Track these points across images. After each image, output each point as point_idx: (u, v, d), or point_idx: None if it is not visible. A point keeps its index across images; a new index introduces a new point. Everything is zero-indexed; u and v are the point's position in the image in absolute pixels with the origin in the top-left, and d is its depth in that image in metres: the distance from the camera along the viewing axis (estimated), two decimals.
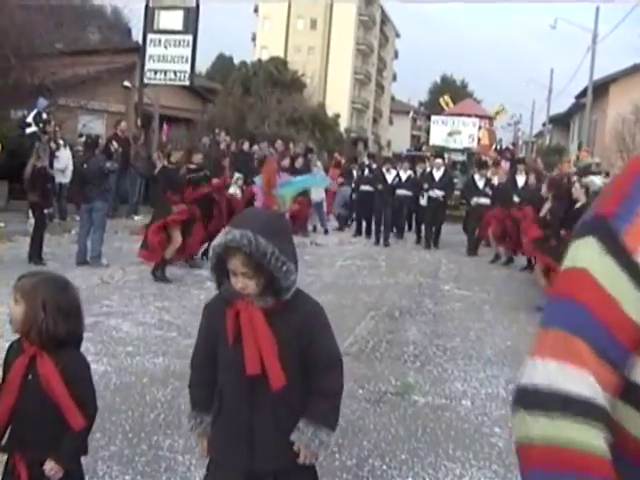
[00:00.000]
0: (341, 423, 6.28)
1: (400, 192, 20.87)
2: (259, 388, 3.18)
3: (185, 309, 10.63)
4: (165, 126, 26.30)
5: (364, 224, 22.25)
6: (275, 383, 3.14)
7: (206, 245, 13.50)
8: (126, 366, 7.65)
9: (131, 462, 5.31)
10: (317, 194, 22.16)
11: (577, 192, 13.31)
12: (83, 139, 19.17)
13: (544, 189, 14.57)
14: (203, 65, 69.15)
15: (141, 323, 9.58)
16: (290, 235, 3.33)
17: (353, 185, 24.04)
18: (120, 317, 9.79)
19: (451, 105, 42.33)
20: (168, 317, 10.04)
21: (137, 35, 31.63)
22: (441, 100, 43.98)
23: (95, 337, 8.65)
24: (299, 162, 20.90)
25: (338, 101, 74.22)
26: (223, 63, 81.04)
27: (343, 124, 61.89)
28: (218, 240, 3.14)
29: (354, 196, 23.80)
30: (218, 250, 3.14)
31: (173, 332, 9.21)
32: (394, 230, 21.90)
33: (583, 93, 43.64)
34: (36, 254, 13.22)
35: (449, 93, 52.49)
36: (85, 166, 14.19)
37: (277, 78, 46.66)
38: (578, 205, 12.83)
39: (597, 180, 16.53)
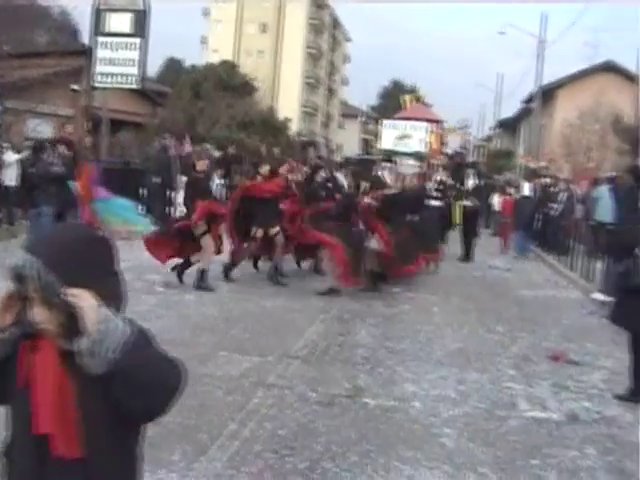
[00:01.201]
0: (292, 426, 6.38)
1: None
2: (49, 452, 2.35)
3: (135, 315, 10.47)
4: (187, 136, 25.97)
5: None
6: (60, 449, 2.33)
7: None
8: None
9: None
10: None
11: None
12: (30, 143, 18.99)
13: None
14: (153, 68, 68.79)
15: None
16: (107, 267, 2.49)
17: None
18: None
19: (414, 103, 42.57)
20: None
21: (85, 37, 31.35)
22: (403, 98, 44.28)
23: None
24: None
25: (288, 105, 74.34)
26: (173, 66, 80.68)
27: (294, 128, 61.90)
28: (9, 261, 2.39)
29: None
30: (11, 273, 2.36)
31: None
32: None
33: (531, 98, 44.20)
34: None
35: (398, 98, 52.76)
36: (32, 170, 14.07)
37: (227, 82, 46.55)
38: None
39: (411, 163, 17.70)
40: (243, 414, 6.64)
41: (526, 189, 24.79)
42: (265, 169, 14.56)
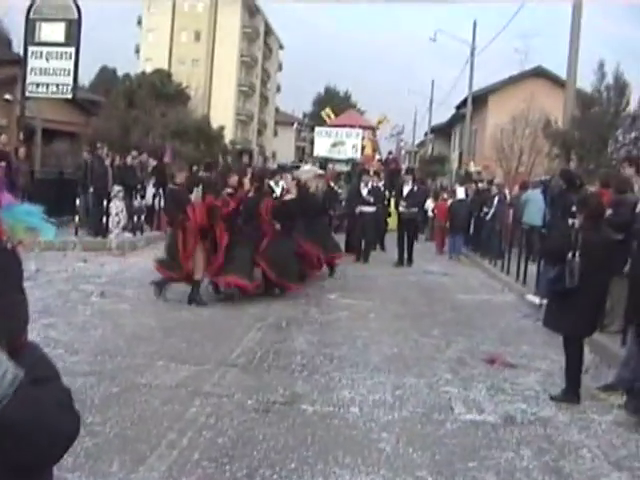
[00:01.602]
0: (230, 434, 6.37)
1: None
2: None
3: (71, 326, 10.47)
4: (167, 146, 25.69)
5: None
6: None
7: None
8: None
9: None
10: None
11: (289, 185, 15.48)
12: None
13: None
14: (86, 77, 68.06)
15: None
16: (10, 282, 2.16)
17: None
18: None
19: (332, 117, 42.73)
20: (54, 334, 9.85)
21: (17, 47, 30.88)
22: (323, 113, 44.37)
23: None
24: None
25: (223, 113, 74.06)
26: (106, 76, 79.86)
27: (228, 136, 61.76)
28: None
29: None
30: None
31: (59, 349, 9.04)
32: None
33: (463, 103, 44.75)
34: None
35: (332, 104, 53.02)
36: None
37: (161, 90, 46.26)
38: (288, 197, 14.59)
39: (309, 168, 17.97)
40: (181, 423, 6.61)
41: (460, 193, 25.08)
42: (234, 179, 14.34)
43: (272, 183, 19.76)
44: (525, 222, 18.91)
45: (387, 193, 24.44)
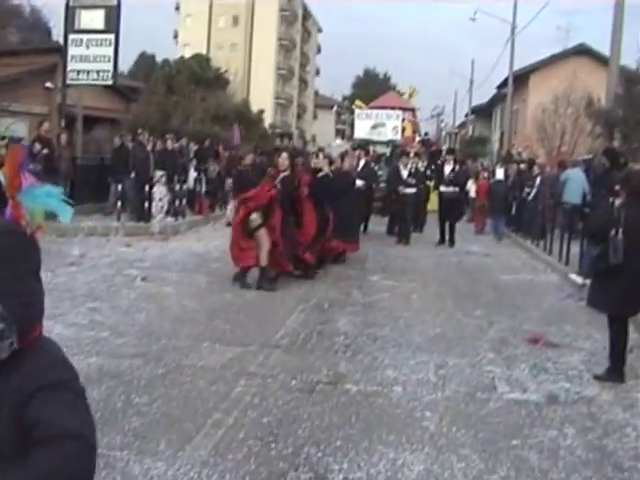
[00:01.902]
0: (275, 413, 6.45)
1: None
2: None
3: (116, 309, 10.61)
4: (235, 127, 25.84)
5: None
6: None
7: None
8: None
9: None
10: None
11: (320, 163, 15.07)
12: (4, 142, 18.90)
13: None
14: (125, 64, 68.64)
15: (72, 324, 9.53)
16: (22, 265, 2.18)
17: None
18: (51, 319, 9.69)
19: (364, 107, 42.66)
20: (100, 317, 10.00)
21: (57, 35, 31.18)
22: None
23: None
24: None
25: (262, 97, 74.16)
26: (145, 62, 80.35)
27: (268, 120, 61.87)
28: None
29: None
30: None
31: (105, 332, 9.19)
32: None
33: (504, 83, 44.36)
34: None
35: (371, 87, 53.01)
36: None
37: (200, 75, 46.38)
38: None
39: (339, 142, 17.76)
40: (227, 403, 6.70)
41: (499, 173, 24.97)
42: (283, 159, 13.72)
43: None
44: (565, 201, 18.79)
45: (428, 174, 24.38)
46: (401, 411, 6.78)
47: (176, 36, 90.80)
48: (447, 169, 20.85)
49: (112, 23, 23.13)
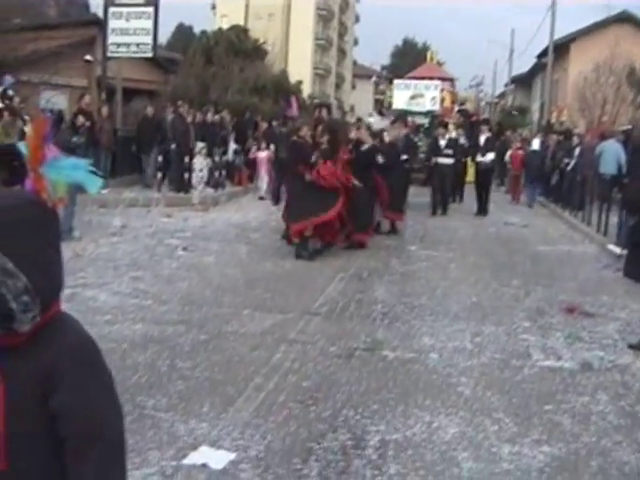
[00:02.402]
0: (315, 378, 6.65)
1: None
2: None
3: (158, 278, 10.86)
4: (293, 99, 26.07)
5: None
6: None
7: None
8: (105, 333, 7.86)
9: None
10: None
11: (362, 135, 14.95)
12: (48, 115, 19.17)
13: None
14: (163, 36, 68.68)
15: (117, 293, 9.80)
16: (44, 237, 2.06)
17: None
18: (96, 288, 10.00)
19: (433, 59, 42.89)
20: (143, 286, 10.26)
21: (95, 8, 31.41)
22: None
23: (73, 307, 8.84)
24: None
25: (300, 67, 74.01)
26: (183, 33, 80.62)
27: (306, 90, 61.82)
28: None
29: None
30: None
31: (148, 300, 9.44)
32: None
33: (544, 53, 43.91)
34: None
35: (410, 56, 52.90)
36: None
37: (238, 46, 46.39)
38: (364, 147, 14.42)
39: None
40: (267, 368, 6.91)
41: (535, 144, 24.94)
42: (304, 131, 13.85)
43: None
44: (603, 172, 18.77)
45: (467, 145, 24.38)
46: (437, 377, 6.96)
47: (214, 7, 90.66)
48: (482, 139, 20.93)
49: None
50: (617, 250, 14.01)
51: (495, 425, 5.82)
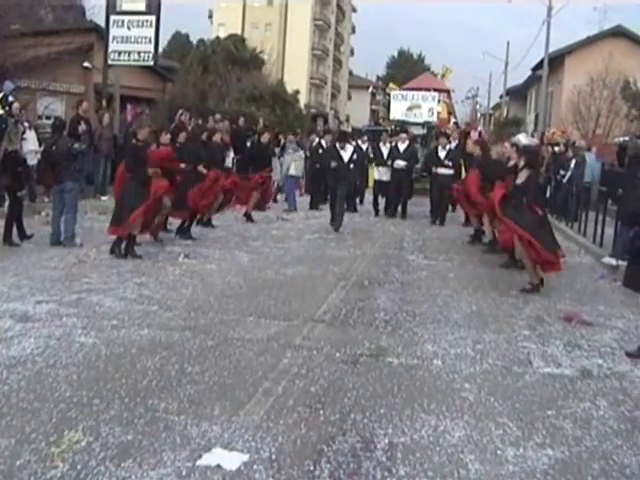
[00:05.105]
0: (322, 383, 6.79)
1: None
2: None
3: (162, 284, 10.99)
4: (129, 106, 26.42)
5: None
6: None
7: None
8: (113, 338, 8.00)
9: (131, 424, 5.68)
10: (296, 170, 22.72)
11: (508, 151, 13.96)
12: (50, 121, 19.32)
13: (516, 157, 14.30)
14: (160, 44, 68.77)
15: (122, 298, 9.92)
16: None
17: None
18: (101, 293, 10.13)
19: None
20: (147, 292, 10.38)
21: (91, 15, 31.49)
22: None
23: (80, 312, 9.01)
24: None
25: (297, 77, 74.18)
26: (179, 41, 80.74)
27: (302, 100, 62.04)
28: None
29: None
30: None
31: (154, 306, 9.56)
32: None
33: (539, 65, 44.23)
34: (9, 235, 13.66)
35: (405, 67, 53.03)
36: (54, 148, 14.38)
37: (236, 56, 46.66)
38: (511, 163, 13.40)
39: (522, 138, 17.28)
40: (275, 373, 7.04)
41: (522, 138, 25.09)
42: None
43: (338, 146, 19.53)
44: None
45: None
46: (441, 382, 7.10)
47: (211, 16, 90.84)
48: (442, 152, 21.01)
49: (153, 5, 23.52)
50: (613, 261, 14.18)
51: (499, 429, 5.96)
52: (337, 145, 19.02)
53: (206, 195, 15.97)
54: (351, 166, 18.90)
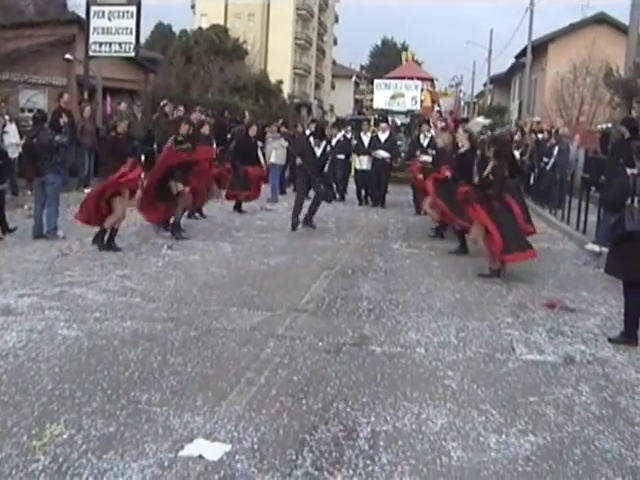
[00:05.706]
0: (305, 372, 6.79)
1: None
2: None
3: (145, 276, 10.95)
4: (108, 98, 26.31)
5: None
6: None
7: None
8: (96, 330, 7.97)
9: (113, 416, 5.66)
10: (276, 157, 22.61)
11: (460, 138, 14.03)
12: (31, 114, 19.19)
13: (467, 144, 14.14)
14: (142, 35, 68.39)
15: (105, 290, 9.88)
16: None
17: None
18: (84, 286, 10.09)
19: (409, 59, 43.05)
20: (130, 284, 10.35)
21: (72, 6, 31.40)
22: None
23: (63, 305, 8.97)
24: None
25: (280, 67, 74.01)
26: (162, 32, 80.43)
27: (286, 90, 61.91)
28: None
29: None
30: None
31: (137, 298, 9.53)
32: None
33: (523, 53, 44.34)
34: None
35: (388, 56, 53.07)
36: (35, 140, 14.30)
37: (219, 46, 46.51)
38: (462, 150, 13.46)
39: (480, 120, 17.35)
40: (258, 363, 7.04)
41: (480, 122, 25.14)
42: None
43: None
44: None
45: None
46: (424, 370, 7.11)
47: (193, 6, 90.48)
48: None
49: None
50: (596, 248, 14.22)
51: (482, 416, 5.98)
52: (312, 141, 17.02)
53: (199, 189, 15.94)
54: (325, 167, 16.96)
